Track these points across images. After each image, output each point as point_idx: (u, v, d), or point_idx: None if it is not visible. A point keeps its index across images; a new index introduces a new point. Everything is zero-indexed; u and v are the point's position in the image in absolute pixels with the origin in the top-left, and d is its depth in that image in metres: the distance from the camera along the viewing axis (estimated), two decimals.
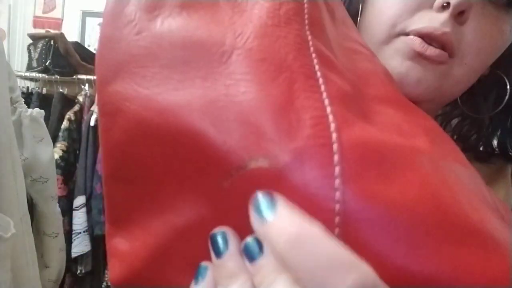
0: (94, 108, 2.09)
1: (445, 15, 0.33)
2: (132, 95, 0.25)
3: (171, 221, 0.25)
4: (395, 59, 0.35)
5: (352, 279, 0.17)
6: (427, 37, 0.34)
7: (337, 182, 0.20)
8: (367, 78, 0.29)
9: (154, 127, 0.24)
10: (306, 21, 0.26)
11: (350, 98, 0.25)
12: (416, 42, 0.34)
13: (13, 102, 0.96)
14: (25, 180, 0.76)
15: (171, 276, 0.26)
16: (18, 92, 1.02)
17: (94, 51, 2.32)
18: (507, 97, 0.40)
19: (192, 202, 0.24)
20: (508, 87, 0.40)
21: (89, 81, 2.13)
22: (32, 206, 1.06)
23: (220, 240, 0.22)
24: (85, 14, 2.42)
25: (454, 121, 0.46)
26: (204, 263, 0.23)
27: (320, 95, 0.23)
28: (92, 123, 2.01)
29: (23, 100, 1.03)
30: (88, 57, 2.20)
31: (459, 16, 0.34)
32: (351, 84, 0.26)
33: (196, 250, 0.24)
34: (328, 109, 0.22)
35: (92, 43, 2.42)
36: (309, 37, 0.26)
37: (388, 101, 0.28)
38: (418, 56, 0.34)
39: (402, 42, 0.35)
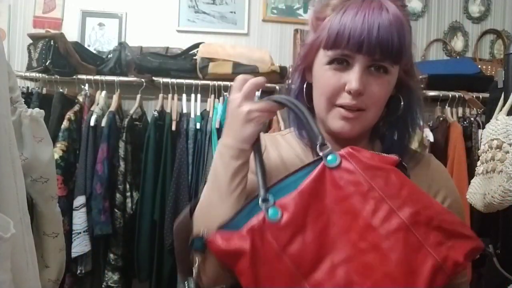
0: (94, 108, 2.09)
1: (351, 96, 0.68)
2: None
3: None
4: (334, 121, 0.71)
5: None
6: (347, 107, 0.69)
7: None
8: None
9: None
10: None
11: None
12: (342, 111, 0.70)
13: (13, 102, 0.96)
14: (25, 180, 0.76)
15: None
16: (18, 92, 1.01)
17: (94, 51, 2.32)
18: (402, 104, 0.75)
19: None
20: (401, 102, 0.75)
21: (89, 81, 2.12)
22: (32, 206, 1.06)
23: None
24: (85, 14, 2.42)
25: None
26: None
27: None
28: (92, 123, 2.00)
29: (23, 100, 1.03)
30: (88, 57, 2.19)
31: (358, 94, 0.68)
32: None
33: None
34: None
35: (92, 43, 2.42)
36: None
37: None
38: (345, 118, 0.70)
39: (335, 111, 0.71)
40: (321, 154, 0.61)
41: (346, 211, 0.59)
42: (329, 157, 0.60)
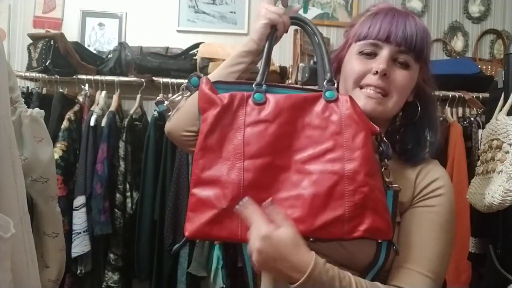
0: (94, 108, 2.08)
1: (377, 76, 0.75)
2: None
3: None
4: (360, 99, 0.75)
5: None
6: (372, 87, 0.76)
7: None
8: None
9: None
10: None
11: None
12: (368, 90, 0.77)
13: (13, 102, 0.96)
14: (25, 180, 0.76)
15: None
16: (18, 92, 1.01)
17: (94, 51, 2.32)
18: (419, 111, 0.83)
19: None
20: (419, 107, 0.83)
21: (89, 81, 2.12)
22: (32, 206, 1.06)
23: None
24: (85, 14, 2.42)
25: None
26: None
27: None
28: (92, 123, 2.00)
29: (23, 100, 1.03)
30: (88, 57, 2.19)
31: (385, 75, 0.75)
32: None
33: None
34: None
35: (92, 43, 2.41)
36: None
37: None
38: (369, 97, 0.76)
39: (359, 92, 0.77)
40: (325, 86, 0.71)
41: (309, 136, 0.67)
42: (329, 93, 0.70)
